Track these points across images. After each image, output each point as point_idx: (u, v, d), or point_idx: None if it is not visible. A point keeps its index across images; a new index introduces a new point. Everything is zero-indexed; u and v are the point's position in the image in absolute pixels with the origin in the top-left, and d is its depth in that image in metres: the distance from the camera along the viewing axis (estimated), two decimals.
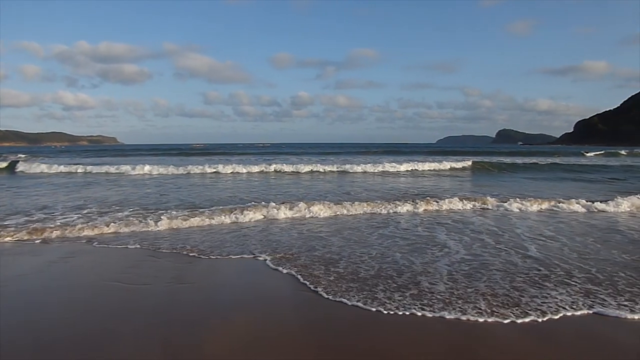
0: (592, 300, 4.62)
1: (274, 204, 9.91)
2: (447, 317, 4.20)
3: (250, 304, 4.68)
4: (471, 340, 3.74)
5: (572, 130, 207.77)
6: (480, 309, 4.36)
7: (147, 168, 22.56)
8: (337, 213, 9.69)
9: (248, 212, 9.14)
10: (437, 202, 10.71)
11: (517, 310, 4.35)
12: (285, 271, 5.67)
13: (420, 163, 24.26)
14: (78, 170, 23.52)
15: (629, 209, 10.50)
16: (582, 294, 4.78)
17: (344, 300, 4.64)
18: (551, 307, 4.43)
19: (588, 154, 43.90)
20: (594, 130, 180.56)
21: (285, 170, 22.17)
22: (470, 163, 25.82)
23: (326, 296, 4.78)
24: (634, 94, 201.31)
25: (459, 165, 25.06)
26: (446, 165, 24.64)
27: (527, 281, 5.22)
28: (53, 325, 4.10)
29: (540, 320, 4.13)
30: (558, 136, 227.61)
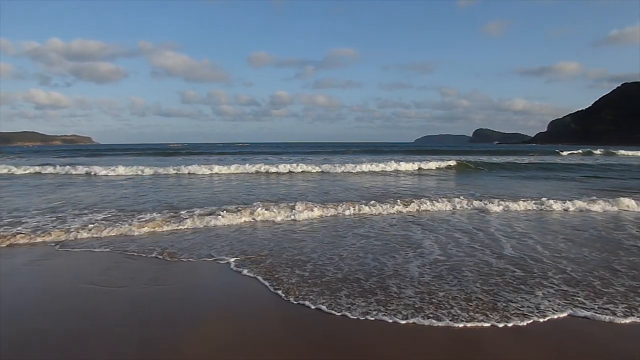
0: (570, 301, 4.58)
1: (251, 206, 9.88)
2: (410, 321, 4.10)
3: (203, 307, 4.60)
4: (434, 348, 3.64)
5: (546, 129, 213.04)
6: (452, 314, 4.26)
7: (122, 169, 21.85)
8: (316, 214, 9.53)
9: (225, 213, 9.09)
10: (415, 201, 10.78)
11: (495, 314, 4.26)
12: (247, 273, 5.58)
13: (401, 163, 24.14)
14: (51, 171, 22.62)
15: (611, 208, 10.53)
16: (559, 296, 4.73)
17: (307, 304, 4.56)
18: (530, 310, 4.36)
19: (563, 153, 45.04)
20: (567, 130, 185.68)
21: (264, 170, 21.81)
22: (450, 163, 25.79)
23: (286, 299, 4.72)
24: (604, 94, 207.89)
25: (441, 164, 25.02)
26: (427, 165, 24.58)
27: (502, 283, 5.16)
28: (26, 329, 4.00)
29: (520, 324, 4.06)
30: (533, 135, 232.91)
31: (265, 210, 9.42)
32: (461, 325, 4.04)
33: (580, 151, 47.12)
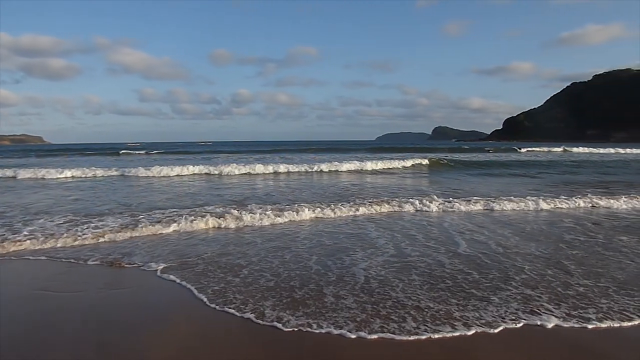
0: (530, 306, 4.30)
1: (204, 209, 9.29)
2: (351, 336, 3.68)
3: (117, 314, 4.32)
4: None
5: (501, 127, 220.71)
6: (399, 326, 3.85)
7: (73, 171, 19.48)
8: (272, 217, 8.72)
9: (181, 219, 8.30)
10: (376, 202, 10.50)
11: (447, 325, 3.89)
12: (173, 279, 5.21)
13: (366, 162, 23.07)
14: None
15: (584, 205, 10.40)
16: (519, 301, 4.42)
17: (231, 311, 4.23)
18: (488, 319, 4.01)
19: (522, 150, 46.46)
20: (521, 127, 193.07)
21: (225, 171, 20.07)
22: (415, 161, 24.96)
23: (211, 305, 4.42)
24: (555, 93, 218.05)
25: (407, 163, 24.19)
26: (392, 163, 23.68)
27: (453, 287, 4.84)
28: None
29: (479, 333, 3.74)
30: (489, 133, 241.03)
31: (219, 218, 8.65)
32: (410, 337, 3.67)
33: (536, 149, 48.61)
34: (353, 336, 3.70)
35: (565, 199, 10.88)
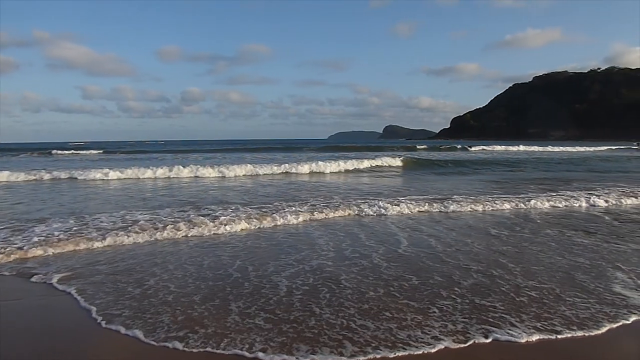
0: (484, 319, 3.78)
1: (123, 216, 8.36)
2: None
3: None
4: None
5: (449, 126, 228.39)
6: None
7: (6, 173, 16.67)
8: (219, 225, 7.42)
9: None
10: (319, 204, 10.00)
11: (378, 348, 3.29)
12: (64, 289, 4.57)
13: (321, 163, 20.73)
14: None
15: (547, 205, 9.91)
16: (467, 313, 3.88)
17: (118, 328, 3.64)
18: (427, 339, 3.45)
19: (472, 149, 47.54)
20: (467, 126, 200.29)
21: (174, 174, 17.62)
22: (369, 163, 22.75)
23: (99, 320, 3.83)
24: (498, 93, 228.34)
25: (362, 165, 22.11)
26: (354, 164, 21.69)
27: (389, 296, 4.26)
28: None
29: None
30: (437, 131, 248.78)
31: (154, 229, 7.53)
32: None
33: (483, 147, 49.74)
34: None
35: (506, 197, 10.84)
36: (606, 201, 10.23)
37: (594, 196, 10.69)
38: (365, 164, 22.36)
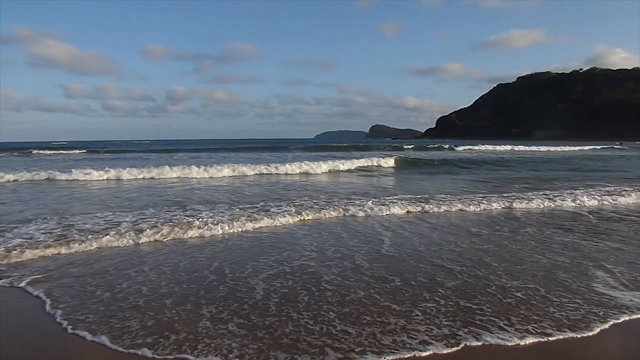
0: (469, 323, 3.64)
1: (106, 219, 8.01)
2: None
3: None
4: None
5: (434, 125, 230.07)
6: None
7: None
8: (202, 226, 7.13)
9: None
10: (305, 205, 9.79)
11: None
12: (33, 293, 4.36)
13: (309, 163, 19.96)
14: None
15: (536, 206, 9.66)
16: (452, 315, 3.75)
17: (84, 334, 3.47)
18: (414, 343, 3.29)
19: (458, 148, 47.70)
20: (452, 126, 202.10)
21: (158, 174, 16.87)
22: (357, 163, 22.12)
23: (64, 325, 3.65)
24: (483, 93, 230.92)
25: (352, 165, 21.37)
26: (345, 164, 21.10)
27: (370, 298, 4.11)
28: None
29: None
30: (423, 131, 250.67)
31: (132, 233, 7.15)
32: None
33: (474, 147, 49.89)
34: None
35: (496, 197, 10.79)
36: (589, 200, 10.23)
37: (577, 195, 10.73)
38: (354, 164, 21.84)
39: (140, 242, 6.38)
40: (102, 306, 3.98)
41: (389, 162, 23.65)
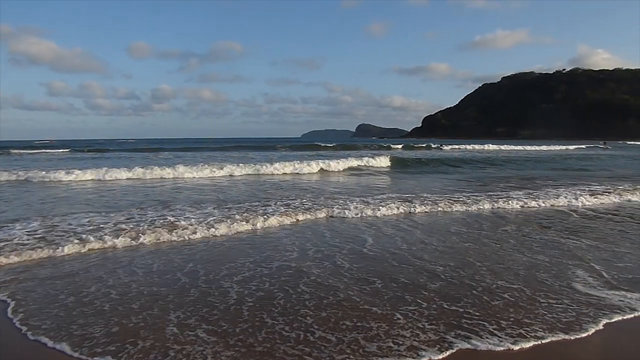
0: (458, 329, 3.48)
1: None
2: None
3: None
4: None
5: (420, 124, 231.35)
6: None
7: None
8: (185, 227, 6.79)
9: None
10: (291, 205, 9.55)
11: None
12: None
13: (298, 163, 19.26)
14: None
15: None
16: (437, 319, 3.59)
17: (45, 341, 3.25)
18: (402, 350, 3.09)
19: (445, 147, 47.78)
20: (438, 125, 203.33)
21: (143, 174, 16.10)
22: (348, 164, 21.04)
23: (24, 330, 3.44)
24: (469, 93, 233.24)
25: (339, 165, 20.23)
26: (338, 164, 20.26)
27: (350, 301, 3.93)
28: None
29: None
30: (409, 130, 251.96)
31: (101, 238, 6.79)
32: None
33: (460, 146, 50.04)
34: None
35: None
36: (574, 199, 10.21)
37: (565, 194, 10.75)
38: (345, 163, 20.98)
39: (118, 244, 6.05)
40: (64, 311, 3.75)
41: (383, 162, 22.88)
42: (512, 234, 6.78)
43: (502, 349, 3.11)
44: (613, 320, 3.59)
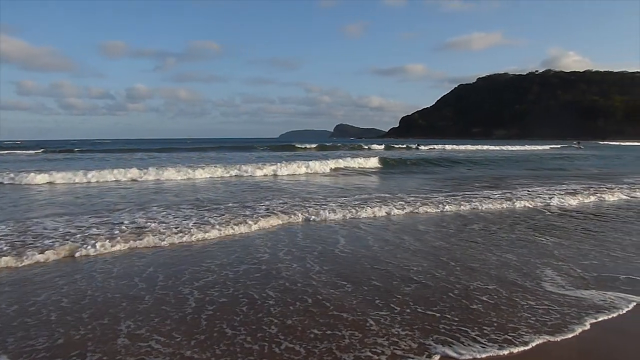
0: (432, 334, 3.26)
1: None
2: None
3: None
4: None
5: (398, 125, 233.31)
6: None
7: None
8: (155, 232, 6.37)
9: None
10: (271, 207, 9.18)
11: None
12: None
13: (278, 164, 18.23)
14: None
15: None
16: (406, 324, 3.38)
17: None
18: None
19: (422, 147, 47.94)
20: (415, 125, 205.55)
21: (117, 176, 15.05)
22: (334, 165, 20.14)
23: None
24: (444, 94, 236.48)
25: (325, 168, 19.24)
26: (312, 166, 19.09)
27: (320, 306, 3.70)
28: None
29: None
30: (387, 130, 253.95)
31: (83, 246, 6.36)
32: None
33: (436, 146, 50.30)
34: None
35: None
36: (558, 198, 10.22)
37: (544, 194, 10.74)
38: (326, 165, 19.77)
39: (86, 249, 5.49)
40: (1, 322, 3.33)
41: (370, 163, 21.98)
42: (500, 234, 6.66)
43: (487, 355, 2.89)
44: (599, 320, 3.47)
